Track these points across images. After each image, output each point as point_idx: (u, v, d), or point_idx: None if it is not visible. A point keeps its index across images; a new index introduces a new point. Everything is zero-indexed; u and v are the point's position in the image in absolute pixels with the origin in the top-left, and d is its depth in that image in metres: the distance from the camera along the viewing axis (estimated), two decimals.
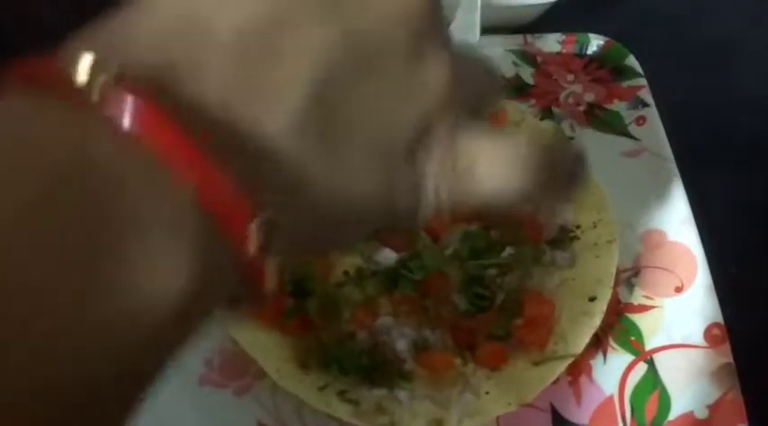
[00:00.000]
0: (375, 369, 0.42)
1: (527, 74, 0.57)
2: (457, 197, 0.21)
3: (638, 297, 0.47)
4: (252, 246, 0.17)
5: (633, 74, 0.57)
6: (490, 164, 0.21)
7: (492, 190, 0.22)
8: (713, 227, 0.49)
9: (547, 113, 0.56)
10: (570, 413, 0.42)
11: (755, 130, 0.58)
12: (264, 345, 0.42)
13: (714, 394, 0.42)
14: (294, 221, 0.18)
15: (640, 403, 0.43)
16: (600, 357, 0.44)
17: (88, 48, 0.17)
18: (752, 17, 0.66)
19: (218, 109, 0.17)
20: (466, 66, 0.23)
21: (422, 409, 0.41)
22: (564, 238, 0.48)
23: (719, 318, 0.45)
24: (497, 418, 0.41)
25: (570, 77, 0.58)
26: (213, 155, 0.16)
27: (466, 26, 0.53)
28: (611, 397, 0.43)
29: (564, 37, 0.59)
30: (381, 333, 0.44)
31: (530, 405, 0.42)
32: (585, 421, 0.42)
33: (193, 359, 0.43)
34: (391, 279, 0.46)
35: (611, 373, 0.44)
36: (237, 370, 0.43)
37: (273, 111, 0.17)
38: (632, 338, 0.45)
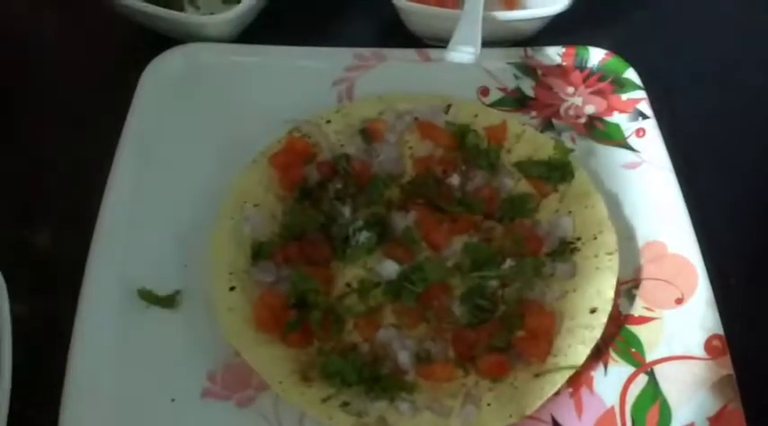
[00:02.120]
0: (377, 381, 0.42)
1: (528, 86, 0.58)
2: None
3: (638, 309, 0.47)
4: None
5: (633, 86, 0.57)
6: None
7: None
8: (713, 240, 0.49)
9: (547, 125, 0.56)
10: (571, 425, 0.42)
11: (757, 144, 0.58)
12: (267, 358, 0.43)
13: (715, 406, 0.42)
14: None
15: (641, 415, 0.43)
16: (601, 369, 0.44)
17: None
18: (747, 32, 0.66)
19: None
20: None
21: (423, 420, 0.41)
22: (564, 250, 0.48)
23: (720, 330, 0.45)
24: None
25: (570, 90, 0.58)
26: None
27: (468, 40, 0.54)
28: (611, 409, 0.43)
29: (564, 50, 0.59)
30: (383, 345, 0.44)
31: (531, 417, 0.42)
32: None
33: (197, 372, 0.43)
34: (393, 290, 0.46)
35: (612, 385, 0.44)
36: (240, 383, 0.43)
37: None
38: (633, 350, 0.45)
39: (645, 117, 0.55)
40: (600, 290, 0.45)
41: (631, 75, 0.58)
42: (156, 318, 0.45)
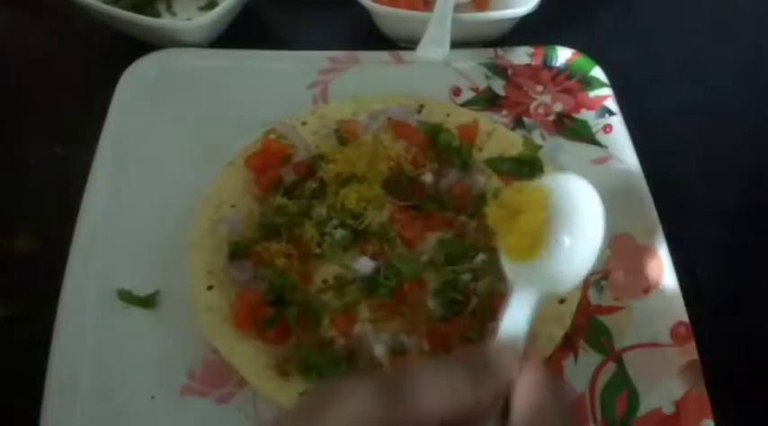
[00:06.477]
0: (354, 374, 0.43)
1: (498, 86, 0.59)
2: None
3: (607, 299, 0.48)
4: None
5: (599, 84, 0.59)
6: None
7: None
8: (679, 231, 0.51)
9: (518, 123, 0.57)
10: None
11: (720, 138, 0.60)
12: (245, 354, 0.43)
13: (680, 391, 0.44)
14: None
15: (610, 401, 0.44)
16: (571, 357, 0.46)
17: None
18: (711, 30, 0.68)
19: None
20: None
21: None
22: None
23: (685, 317, 0.46)
24: None
25: (540, 88, 0.59)
26: None
27: (437, 41, 0.55)
28: (582, 396, 0.44)
29: (533, 50, 0.61)
30: (359, 339, 0.45)
31: None
32: None
33: (176, 370, 0.44)
34: (369, 286, 0.47)
35: (582, 373, 0.45)
36: (219, 379, 0.44)
37: None
38: (602, 339, 0.46)
39: (611, 113, 0.57)
40: None
41: (598, 73, 0.59)
42: (135, 318, 0.46)
